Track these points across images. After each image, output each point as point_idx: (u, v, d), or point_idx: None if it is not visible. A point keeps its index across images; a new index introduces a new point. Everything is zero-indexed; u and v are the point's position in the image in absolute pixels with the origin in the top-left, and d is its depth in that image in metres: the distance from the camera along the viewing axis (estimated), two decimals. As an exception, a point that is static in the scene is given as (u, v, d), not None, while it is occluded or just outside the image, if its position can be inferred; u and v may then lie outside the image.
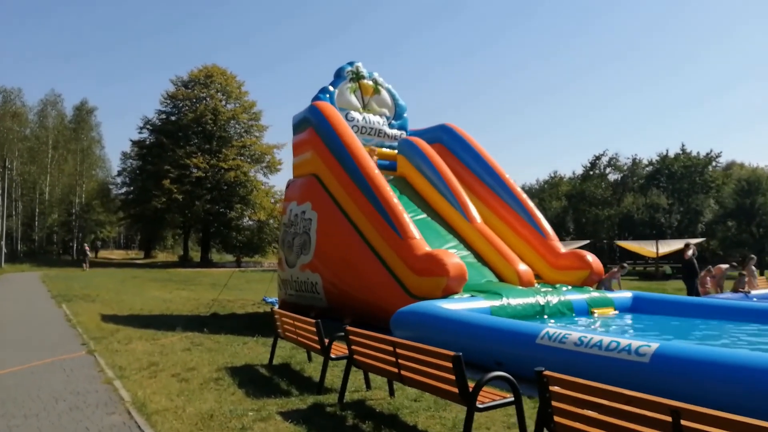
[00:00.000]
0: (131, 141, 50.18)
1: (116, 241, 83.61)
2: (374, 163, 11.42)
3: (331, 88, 13.65)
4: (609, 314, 9.97)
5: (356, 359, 5.29)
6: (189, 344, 8.57)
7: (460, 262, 9.39)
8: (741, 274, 13.44)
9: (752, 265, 13.54)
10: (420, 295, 9.11)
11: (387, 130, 14.24)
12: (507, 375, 3.87)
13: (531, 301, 9.29)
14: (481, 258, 11.59)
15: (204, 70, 49.50)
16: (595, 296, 10.25)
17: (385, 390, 5.59)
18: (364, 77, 14.23)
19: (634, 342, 5.22)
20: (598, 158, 57.62)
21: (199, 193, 45.23)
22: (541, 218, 12.54)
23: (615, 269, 12.43)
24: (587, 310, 9.83)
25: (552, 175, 62.14)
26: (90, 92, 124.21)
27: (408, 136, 14.21)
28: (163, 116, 49.50)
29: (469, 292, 9.37)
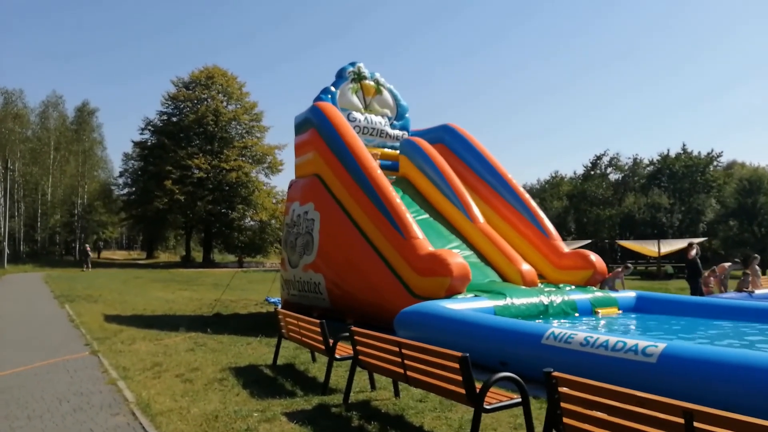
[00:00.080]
0: (133, 142, 50.32)
1: (118, 242, 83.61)
2: (377, 164, 11.40)
3: (333, 89, 13.63)
4: (613, 314, 9.95)
5: (361, 360, 5.27)
6: (192, 344, 8.56)
7: (464, 262, 9.36)
8: (745, 274, 13.39)
9: (756, 265, 13.49)
10: (423, 296, 9.09)
11: (389, 131, 14.22)
12: (514, 376, 3.85)
13: (535, 301, 9.26)
14: (484, 258, 11.58)
15: (205, 71, 49.47)
16: (599, 296, 10.22)
17: (390, 390, 5.57)
18: (366, 78, 14.22)
19: (641, 342, 5.18)
20: (599, 158, 57.51)
21: (201, 194, 45.20)
22: (544, 218, 12.51)
23: (619, 269, 12.37)
24: (591, 310, 9.80)
25: (553, 175, 61.95)
26: (91, 93, 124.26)
27: (410, 137, 14.19)
28: (165, 117, 49.48)
29: (473, 292, 9.35)
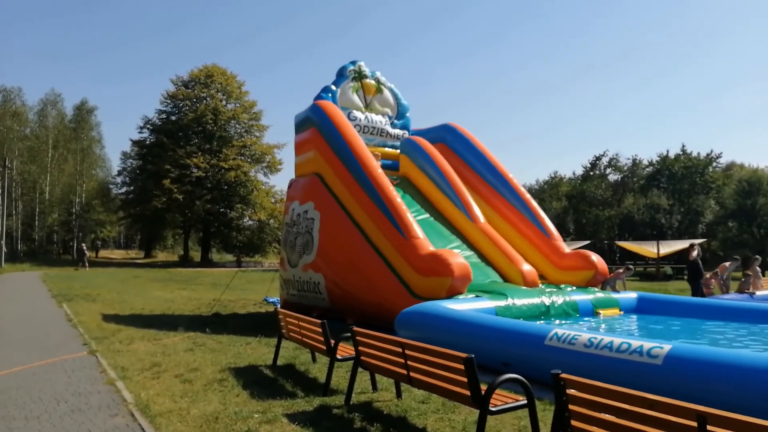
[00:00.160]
0: (131, 141, 50.12)
1: (116, 241, 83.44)
2: (378, 163, 11.34)
3: (334, 87, 13.57)
4: (614, 315, 9.90)
5: (363, 360, 5.21)
6: (191, 344, 8.49)
7: (465, 262, 9.30)
8: (746, 275, 13.35)
9: (756, 266, 13.45)
10: (424, 296, 9.03)
11: (389, 130, 14.16)
12: (520, 377, 3.79)
13: (536, 302, 9.21)
14: (485, 258, 11.52)
15: (204, 70, 49.38)
16: (600, 297, 10.17)
17: (392, 391, 5.51)
18: (367, 76, 14.15)
19: (646, 343, 5.12)
20: (599, 159, 57.46)
21: (200, 193, 45.12)
22: (545, 218, 12.46)
23: (620, 270, 12.31)
24: (592, 311, 9.76)
25: (552, 176, 61.91)
26: (90, 92, 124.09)
27: (411, 136, 14.13)
28: (164, 116, 49.39)
29: (474, 293, 9.29)
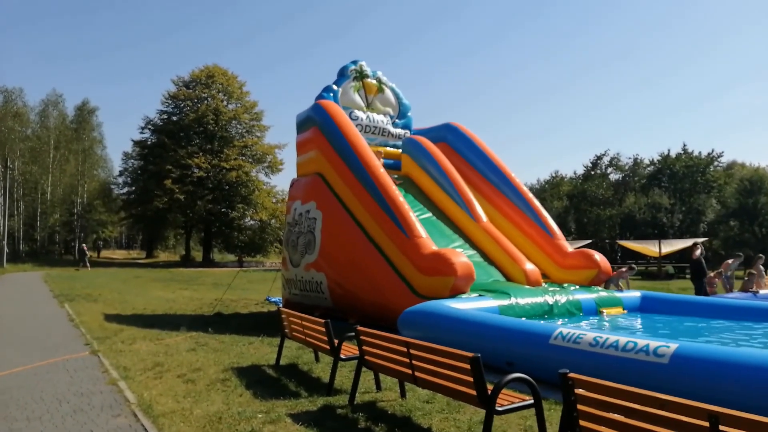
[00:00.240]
0: (133, 141, 50.03)
1: (118, 241, 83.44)
2: (380, 162, 11.31)
3: (335, 87, 13.54)
4: (618, 314, 9.86)
5: (367, 360, 5.17)
6: (194, 344, 8.46)
7: (468, 261, 9.27)
8: (750, 274, 13.31)
9: (760, 265, 13.40)
10: (427, 295, 8.99)
11: (391, 129, 14.13)
12: (527, 377, 3.75)
13: (539, 301, 9.18)
14: (488, 257, 11.48)
15: (205, 71, 49.33)
16: (604, 296, 10.14)
17: (396, 391, 5.47)
18: (368, 76, 14.12)
19: (653, 342, 5.08)
20: (600, 158, 57.41)
21: (201, 193, 45.08)
22: (548, 217, 12.42)
23: (623, 269, 12.28)
24: (596, 310, 9.72)
25: (553, 175, 61.86)
26: (91, 92, 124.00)
27: (412, 135, 14.09)
28: (165, 116, 49.31)
29: (477, 292, 9.25)
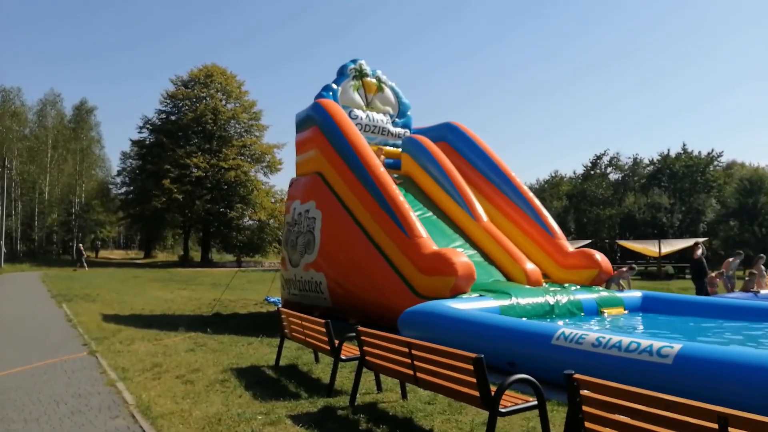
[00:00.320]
0: (131, 141, 50.01)
1: (116, 241, 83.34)
2: (380, 161, 11.26)
3: (335, 86, 13.49)
4: (619, 314, 9.81)
5: (368, 360, 5.11)
6: (192, 345, 8.40)
7: (469, 261, 9.22)
8: (751, 274, 13.28)
9: (761, 264, 13.37)
10: (427, 295, 8.94)
11: (391, 128, 14.08)
12: (531, 378, 3.70)
13: (540, 301, 9.13)
14: (488, 257, 11.43)
15: (204, 70, 49.26)
16: (605, 296, 10.09)
17: (397, 392, 5.42)
18: (368, 75, 14.07)
19: (656, 343, 5.03)
20: (599, 158, 57.40)
21: (199, 193, 45.03)
22: (548, 217, 12.38)
23: (624, 269, 12.22)
24: (597, 310, 9.68)
25: (553, 175, 61.86)
26: (89, 92, 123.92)
27: (412, 135, 14.04)
28: (163, 116, 49.27)
29: (477, 292, 9.21)
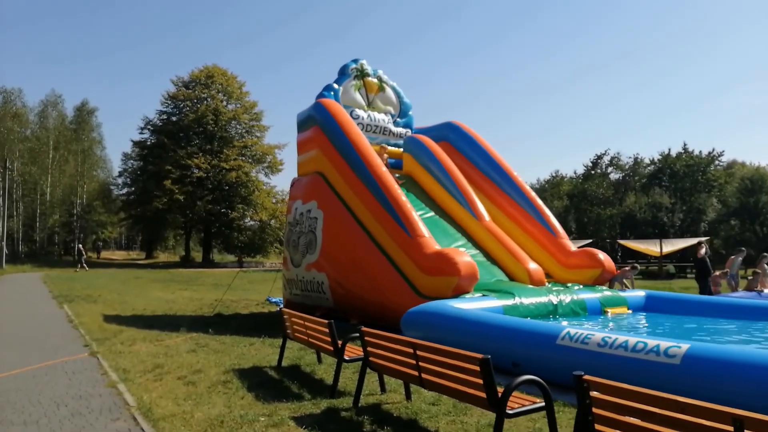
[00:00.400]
0: (132, 141, 49.96)
1: (117, 242, 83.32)
2: (381, 161, 11.20)
3: (336, 86, 13.44)
4: (623, 313, 9.76)
5: (372, 361, 5.06)
6: (194, 345, 8.35)
7: (471, 261, 9.17)
8: (755, 273, 13.22)
9: (765, 264, 13.30)
10: (430, 295, 8.89)
11: (392, 128, 14.03)
12: (539, 379, 3.64)
13: (544, 301, 9.07)
14: (491, 257, 11.37)
15: (205, 71, 49.22)
16: (608, 295, 10.03)
17: (401, 393, 5.36)
18: (369, 75, 14.02)
19: (663, 342, 4.97)
20: (600, 158, 57.22)
21: (201, 194, 44.98)
22: (551, 216, 12.31)
23: (627, 268, 12.17)
24: (600, 310, 9.62)
25: (553, 175, 61.73)
26: (91, 93, 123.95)
27: (414, 134, 13.99)
28: (164, 117, 49.23)
29: (480, 292, 9.15)
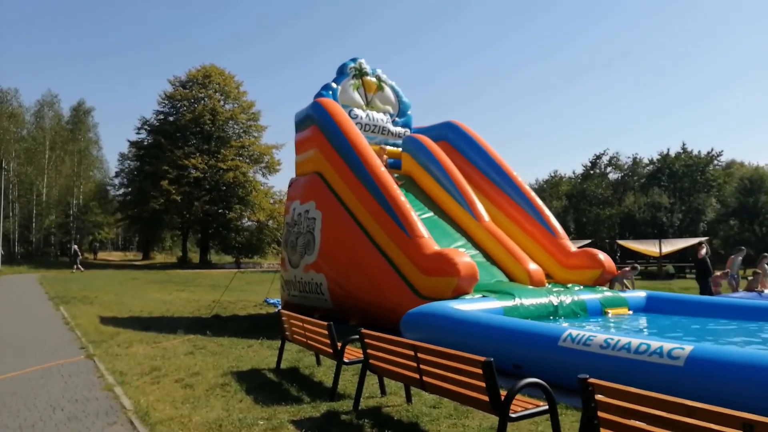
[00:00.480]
0: (129, 142, 49.83)
1: (114, 243, 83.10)
2: (380, 161, 11.14)
3: (334, 85, 13.38)
4: (623, 314, 9.71)
5: (372, 364, 5.00)
6: (192, 347, 8.27)
7: (471, 262, 9.11)
8: (755, 273, 13.19)
9: (765, 264, 13.27)
10: (429, 296, 8.83)
11: (391, 128, 13.97)
12: (542, 382, 3.58)
13: (544, 301, 9.02)
14: (490, 257, 11.32)
15: (202, 71, 49.04)
16: (609, 296, 9.99)
17: (402, 396, 5.30)
18: (368, 74, 13.95)
19: (666, 344, 4.92)
20: (599, 157, 57.18)
21: (198, 194, 44.83)
22: (551, 216, 12.26)
23: (627, 268, 12.13)
24: (601, 311, 9.57)
25: (552, 175, 61.67)
26: (87, 93, 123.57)
27: (413, 134, 13.93)
28: (161, 117, 49.01)
29: (480, 293, 9.10)
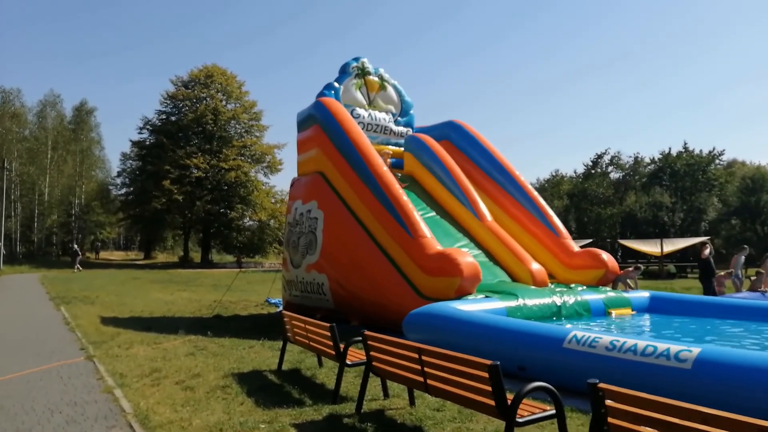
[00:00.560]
0: (131, 141, 49.77)
1: (116, 242, 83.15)
2: (383, 161, 11.07)
3: (336, 85, 13.32)
4: (627, 315, 9.63)
5: (375, 366, 4.93)
6: (192, 348, 8.21)
7: (474, 262, 9.03)
8: (758, 273, 13.11)
9: (768, 264, 13.20)
10: (432, 296, 8.76)
11: (393, 127, 13.90)
12: (550, 386, 3.51)
13: (547, 302, 8.94)
14: (493, 257, 11.24)
15: (204, 70, 49.06)
16: (612, 296, 9.91)
17: (405, 398, 5.23)
18: (370, 73, 13.89)
19: (674, 346, 4.84)
20: (600, 157, 57.07)
21: (200, 194, 44.84)
22: (553, 216, 12.18)
23: (630, 269, 12.03)
24: (604, 311, 9.50)
25: (553, 174, 61.53)
26: (89, 93, 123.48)
27: (415, 133, 13.86)
28: (163, 116, 49.05)
29: (483, 293, 9.02)
